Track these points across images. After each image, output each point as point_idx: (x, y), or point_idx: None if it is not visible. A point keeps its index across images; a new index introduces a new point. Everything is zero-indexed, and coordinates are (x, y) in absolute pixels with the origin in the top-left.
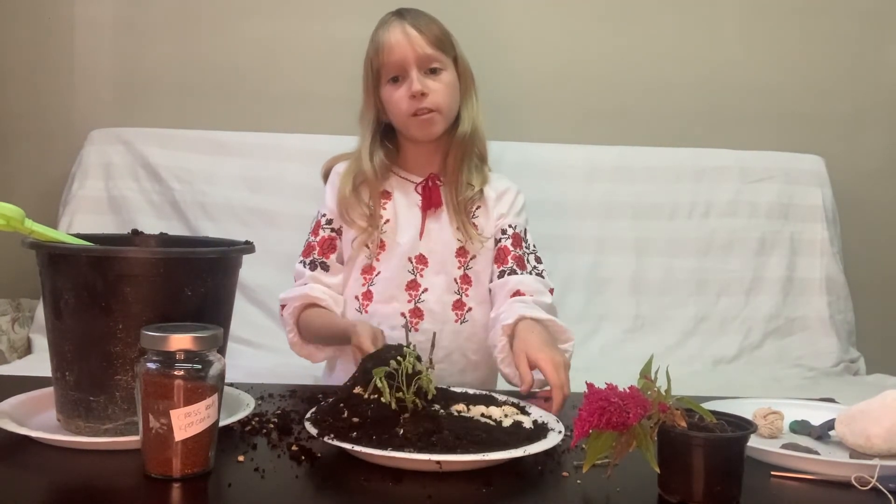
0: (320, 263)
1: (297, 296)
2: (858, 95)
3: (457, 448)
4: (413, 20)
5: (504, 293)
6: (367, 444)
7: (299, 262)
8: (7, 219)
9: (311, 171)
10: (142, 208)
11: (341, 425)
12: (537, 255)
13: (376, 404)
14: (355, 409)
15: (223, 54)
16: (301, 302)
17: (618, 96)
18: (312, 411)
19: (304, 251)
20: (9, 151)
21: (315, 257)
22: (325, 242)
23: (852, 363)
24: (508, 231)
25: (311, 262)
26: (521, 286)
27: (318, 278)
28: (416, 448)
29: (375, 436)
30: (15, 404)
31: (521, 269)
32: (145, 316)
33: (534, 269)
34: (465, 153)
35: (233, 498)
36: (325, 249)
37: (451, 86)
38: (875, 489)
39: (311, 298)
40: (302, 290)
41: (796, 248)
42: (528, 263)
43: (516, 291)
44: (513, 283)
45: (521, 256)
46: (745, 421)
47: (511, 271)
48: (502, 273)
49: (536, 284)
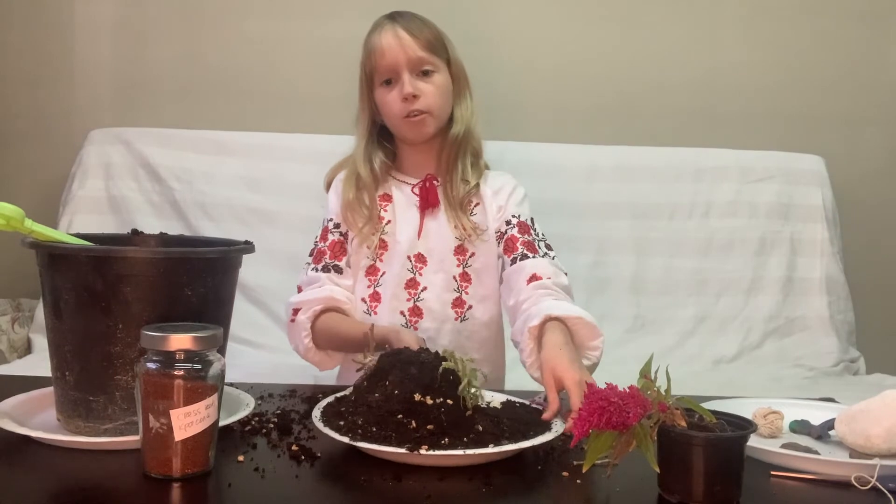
0: (333, 266)
1: (317, 298)
2: (858, 95)
3: (509, 438)
4: (405, 24)
5: (521, 279)
6: (461, 448)
7: (310, 268)
8: (7, 219)
9: (311, 171)
10: (142, 208)
11: (418, 435)
12: (547, 243)
13: (447, 409)
14: (424, 416)
15: (223, 54)
16: (322, 305)
17: (618, 96)
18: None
19: (313, 258)
20: (9, 151)
21: (327, 261)
22: (335, 246)
23: (852, 363)
24: (513, 221)
25: (323, 266)
26: (536, 270)
27: (335, 280)
28: (496, 441)
29: (451, 439)
30: (15, 404)
31: (532, 252)
32: (145, 316)
33: (546, 255)
34: (460, 152)
35: (233, 498)
36: (337, 253)
37: (444, 87)
38: (875, 489)
39: (335, 301)
40: (321, 292)
41: (796, 248)
42: (539, 248)
43: (533, 276)
44: (529, 268)
45: (530, 241)
46: (745, 421)
47: (523, 256)
48: (514, 260)
49: (552, 267)
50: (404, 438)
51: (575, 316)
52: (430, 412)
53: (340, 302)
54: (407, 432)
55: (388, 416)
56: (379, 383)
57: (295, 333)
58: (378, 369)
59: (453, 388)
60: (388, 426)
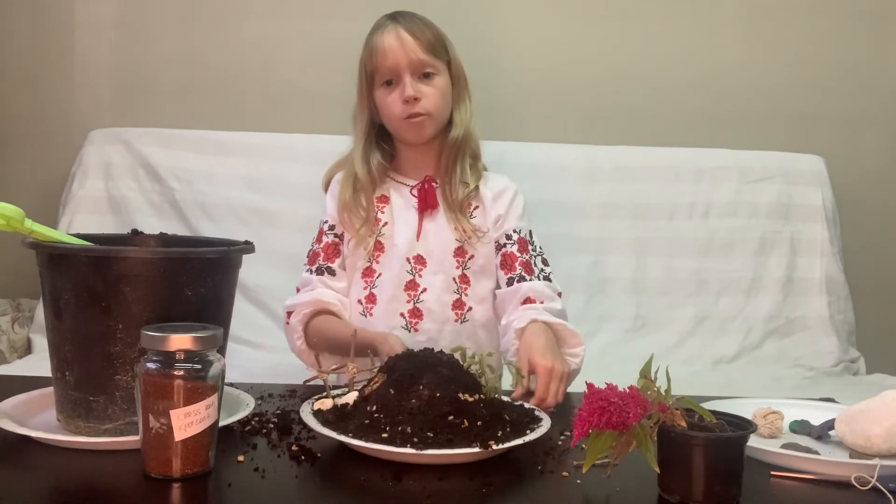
0: (326, 269)
1: (307, 301)
2: (858, 95)
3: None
4: (407, 25)
5: (515, 301)
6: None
7: (305, 270)
8: (7, 219)
9: (311, 171)
10: (142, 208)
11: (475, 433)
12: (544, 258)
13: (486, 404)
14: (471, 413)
15: (223, 54)
16: (312, 308)
17: (617, 96)
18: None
19: (309, 260)
20: (9, 151)
21: (321, 263)
22: (329, 248)
23: (852, 363)
24: (514, 236)
25: (317, 268)
26: (531, 293)
27: (327, 283)
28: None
29: (502, 431)
30: (15, 404)
31: (529, 274)
32: (145, 316)
33: (541, 273)
34: (458, 154)
35: (233, 498)
36: (330, 255)
37: (444, 90)
38: (875, 489)
39: (323, 304)
40: (311, 295)
41: (796, 248)
42: (535, 267)
43: (527, 298)
44: (524, 291)
45: (528, 262)
46: (745, 421)
47: (520, 278)
48: (511, 280)
49: (546, 290)
50: (465, 438)
51: (558, 322)
52: (474, 409)
53: (329, 304)
54: (462, 432)
55: (438, 419)
56: (411, 389)
57: (289, 336)
58: (405, 374)
59: (477, 383)
60: (443, 429)
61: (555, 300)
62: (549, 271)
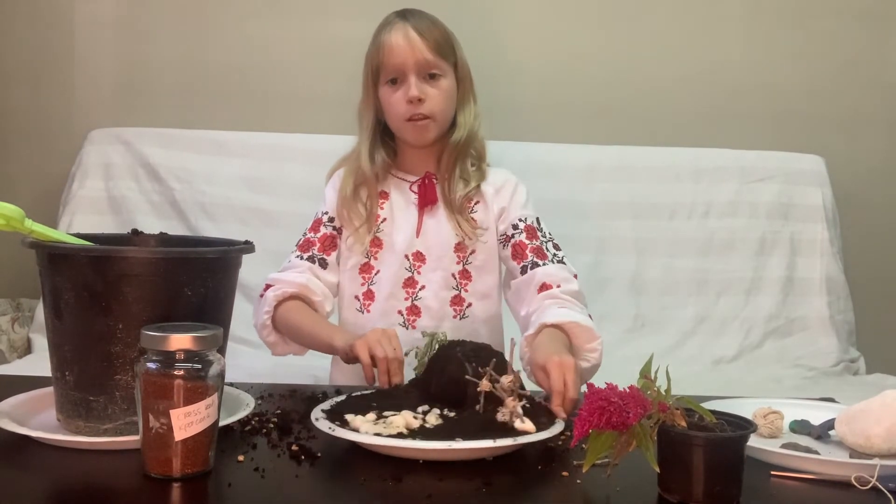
0: (319, 259)
1: (291, 282)
2: (858, 95)
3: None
4: (416, 24)
5: (531, 289)
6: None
7: (294, 255)
8: (7, 219)
9: (311, 171)
10: (142, 208)
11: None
12: (555, 242)
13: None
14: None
15: (223, 54)
16: (293, 290)
17: (618, 96)
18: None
19: (301, 246)
20: (9, 151)
21: (315, 253)
22: (325, 239)
23: (852, 363)
24: (520, 225)
25: (309, 256)
26: (546, 278)
27: (316, 273)
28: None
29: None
30: (15, 404)
31: (542, 259)
32: (145, 316)
33: (554, 257)
34: (461, 155)
35: (233, 498)
36: (326, 247)
37: (449, 92)
38: (875, 489)
39: (308, 291)
40: (298, 278)
41: (796, 248)
42: (548, 252)
43: (543, 284)
44: (539, 277)
45: (539, 247)
46: (745, 421)
47: (533, 264)
48: (524, 269)
49: (561, 272)
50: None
51: (571, 321)
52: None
53: (312, 294)
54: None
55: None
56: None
57: (258, 308)
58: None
59: None
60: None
61: (571, 282)
62: (563, 255)
